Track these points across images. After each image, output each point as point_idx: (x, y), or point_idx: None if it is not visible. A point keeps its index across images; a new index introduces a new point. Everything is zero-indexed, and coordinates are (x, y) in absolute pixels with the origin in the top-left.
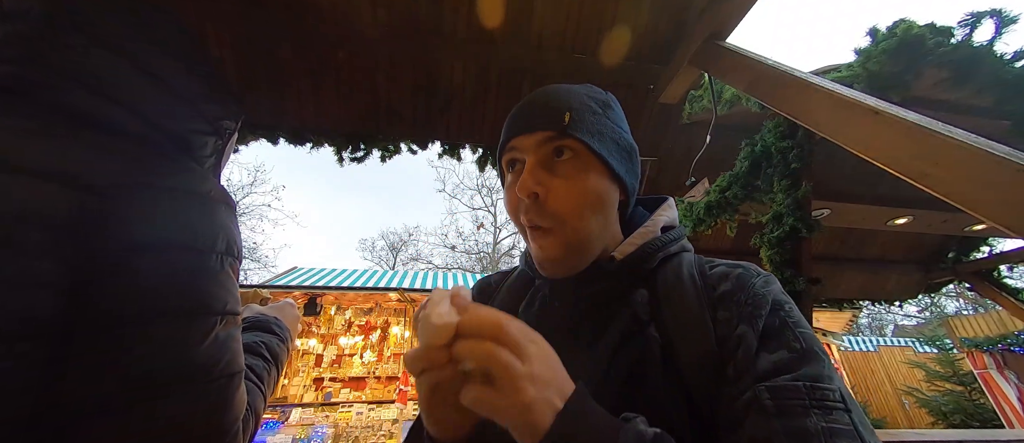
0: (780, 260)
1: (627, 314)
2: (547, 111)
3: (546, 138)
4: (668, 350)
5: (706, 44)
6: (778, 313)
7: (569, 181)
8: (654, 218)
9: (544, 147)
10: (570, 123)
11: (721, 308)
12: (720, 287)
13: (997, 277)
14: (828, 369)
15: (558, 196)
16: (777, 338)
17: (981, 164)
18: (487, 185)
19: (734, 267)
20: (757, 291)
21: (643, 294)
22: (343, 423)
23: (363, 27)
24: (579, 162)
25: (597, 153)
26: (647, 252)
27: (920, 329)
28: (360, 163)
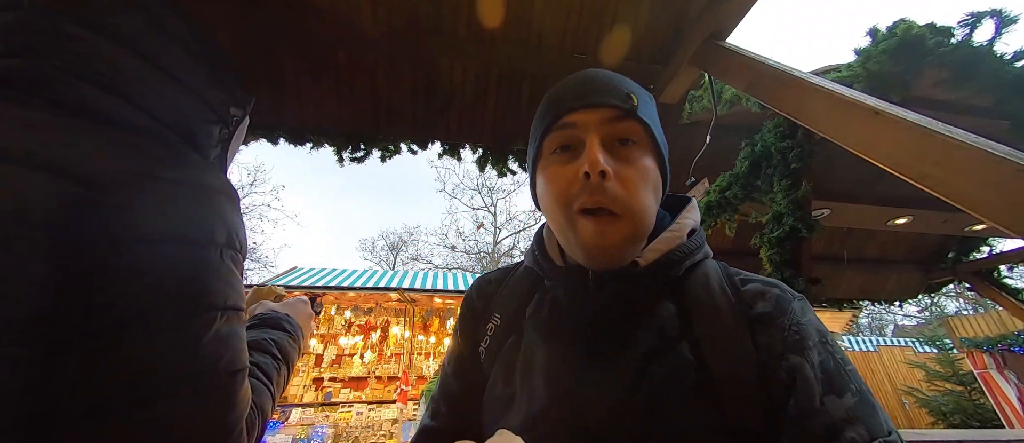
0: (780, 260)
1: (653, 328)
2: (612, 89)
3: (613, 116)
4: (703, 372)
5: (706, 44)
6: (827, 348)
7: (635, 166)
8: (680, 221)
9: (608, 126)
10: (639, 106)
11: (761, 332)
12: (757, 306)
13: (997, 277)
14: (881, 413)
15: (627, 180)
16: (838, 381)
17: (981, 164)
18: (487, 185)
19: (768, 285)
20: (799, 318)
21: (670, 307)
22: (343, 423)
23: (363, 27)
24: (642, 149)
25: (658, 140)
26: (673, 259)
27: (920, 329)
28: (360, 163)
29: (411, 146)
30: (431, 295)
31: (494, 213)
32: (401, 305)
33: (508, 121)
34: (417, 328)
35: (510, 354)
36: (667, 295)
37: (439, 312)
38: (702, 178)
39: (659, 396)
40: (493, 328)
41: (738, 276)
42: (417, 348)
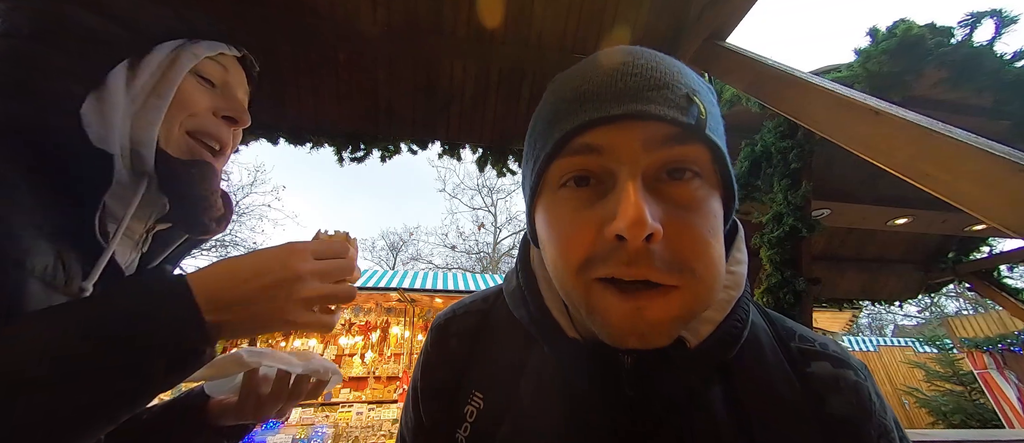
0: (780, 260)
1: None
2: (665, 88)
3: (665, 136)
4: None
5: (706, 44)
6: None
7: (700, 214)
8: (733, 270)
9: (656, 153)
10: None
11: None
12: (830, 402)
13: (997, 277)
14: None
15: (686, 236)
16: None
17: (981, 164)
18: (487, 185)
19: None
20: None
21: (717, 392)
22: (343, 423)
23: (363, 27)
24: (705, 185)
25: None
26: (732, 333)
27: (920, 329)
28: (360, 163)
29: (411, 146)
30: (431, 295)
31: (494, 213)
32: (401, 305)
33: (508, 121)
34: (417, 328)
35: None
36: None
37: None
38: None
39: None
40: (474, 412)
41: (794, 344)
42: (417, 348)
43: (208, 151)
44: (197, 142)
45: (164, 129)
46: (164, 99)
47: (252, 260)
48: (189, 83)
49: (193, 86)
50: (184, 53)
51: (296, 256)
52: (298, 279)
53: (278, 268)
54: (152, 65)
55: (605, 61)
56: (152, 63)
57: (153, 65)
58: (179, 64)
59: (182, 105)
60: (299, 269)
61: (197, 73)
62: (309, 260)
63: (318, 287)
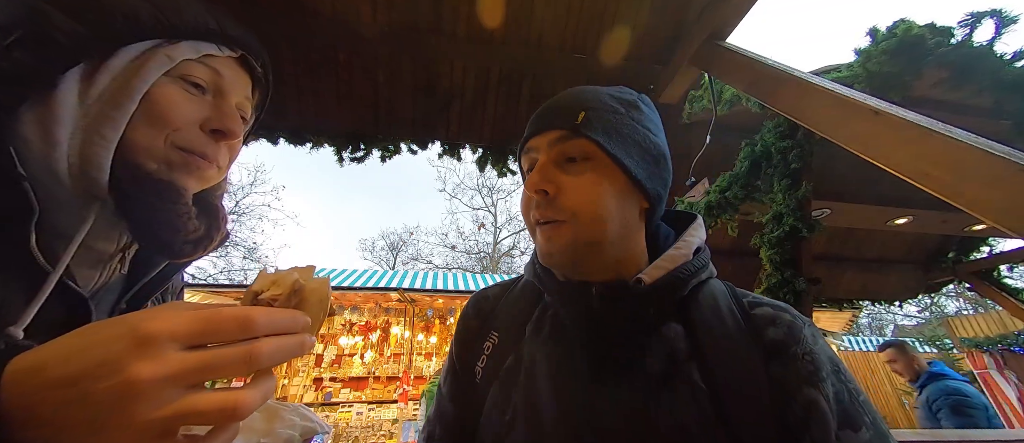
0: (780, 260)
1: (662, 350)
2: (562, 110)
3: (559, 137)
4: (718, 402)
5: (706, 44)
6: (840, 378)
7: (581, 179)
8: (686, 239)
9: (556, 146)
10: (583, 122)
11: (775, 361)
12: (768, 332)
13: (997, 277)
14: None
15: (569, 193)
16: (853, 414)
17: (981, 164)
18: (487, 185)
19: (778, 309)
20: (812, 347)
21: (676, 328)
22: (343, 423)
23: (363, 27)
24: (592, 163)
25: (611, 154)
26: (679, 278)
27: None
28: (360, 163)
29: (411, 146)
30: (431, 295)
31: (494, 213)
32: (401, 305)
33: (508, 121)
34: (417, 328)
35: (509, 375)
36: (673, 315)
37: (439, 312)
38: (702, 178)
39: (673, 424)
40: (490, 347)
41: (746, 298)
42: (417, 348)
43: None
44: (189, 155)
45: (139, 139)
46: (122, 111)
47: (80, 351)
48: (169, 90)
49: (175, 94)
50: (155, 56)
51: (141, 350)
52: (135, 390)
53: (108, 371)
54: (113, 70)
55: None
56: (114, 68)
57: (114, 70)
58: (146, 70)
59: (160, 117)
60: (139, 374)
61: (183, 77)
62: (166, 356)
63: (176, 404)
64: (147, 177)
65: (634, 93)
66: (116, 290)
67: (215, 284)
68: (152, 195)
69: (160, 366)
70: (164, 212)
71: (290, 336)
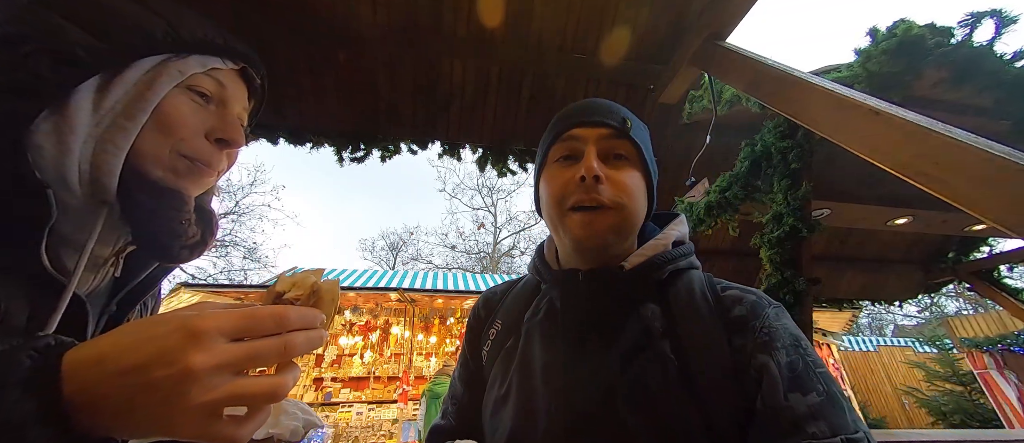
0: (780, 260)
1: (639, 326)
2: (611, 113)
3: (609, 133)
4: (685, 371)
5: (706, 44)
6: (799, 350)
7: (625, 174)
8: (666, 232)
9: (605, 141)
10: (631, 128)
11: (736, 334)
12: (734, 310)
13: (997, 277)
14: (849, 412)
15: (616, 183)
16: (805, 380)
17: (981, 164)
18: (487, 185)
19: (746, 292)
20: (771, 322)
21: (653, 308)
22: (343, 423)
23: (363, 27)
24: (632, 165)
25: (646, 161)
26: (657, 263)
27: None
28: (360, 163)
29: (411, 146)
30: (431, 295)
31: (494, 213)
32: (401, 305)
33: (508, 121)
34: (417, 328)
35: (508, 354)
36: (652, 297)
37: (439, 312)
38: (702, 178)
39: (642, 387)
40: (494, 333)
41: (719, 284)
42: (417, 348)
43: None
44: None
45: (146, 148)
46: (134, 122)
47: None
48: (178, 101)
49: (184, 105)
50: (166, 70)
51: (194, 342)
52: (191, 377)
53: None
54: (127, 83)
55: (583, 102)
56: (127, 81)
57: (128, 83)
58: (158, 84)
59: (170, 127)
60: (194, 363)
61: (190, 87)
62: (215, 347)
63: (227, 387)
64: (153, 184)
65: None
66: (106, 292)
67: (215, 284)
68: (158, 201)
69: (212, 356)
70: (167, 218)
71: (314, 330)
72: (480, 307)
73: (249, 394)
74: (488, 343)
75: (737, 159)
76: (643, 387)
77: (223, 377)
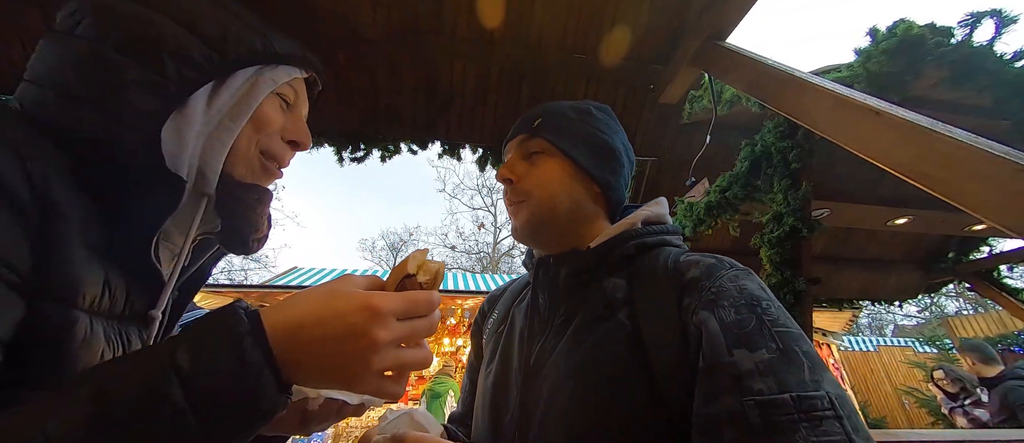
0: (780, 260)
1: (600, 299)
2: (525, 120)
3: (521, 139)
4: (636, 335)
5: (706, 44)
6: (754, 309)
7: (536, 167)
8: (635, 213)
9: (520, 146)
10: (538, 126)
11: (686, 293)
12: (688, 273)
13: (997, 277)
14: (811, 371)
15: (526, 179)
16: (755, 337)
17: (981, 164)
18: (487, 185)
19: (707, 257)
20: (723, 283)
21: (617, 281)
22: (343, 423)
23: (363, 27)
24: (546, 156)
25: (560, 148)
26: (620, 239)
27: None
28: (360, 163)
29: (411, 146)
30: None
31: (494, 213)
32: None
33: (508, 121)
34: None
35: (499, 336)
36: (619, 273)
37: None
38: (702, 178)
39: (599, 357)
40: (491, 322)
41: (686, 255)
42: None
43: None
44: (265, 160)
45: (240, 146)
46: (238, 123)
47: (327, 319)
48: (269, 103)
49: (272, 106)
50: (263, 79)
51: (378, 322)
52: (375, 349)
53: (356, 336)
54: (232, 88)
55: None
56: (232, 86)
57: (233, 88)
58: (257, 89)
59: (260, 125)
60: (379, 338)
61: (276, 93)
62: (392, 325)
63: (395, 356)
64: (239, 180)
65: (591, 104)
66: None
67: (215, 284)
68: (247, 195)
69: (389, 332)
70: (254, 212)
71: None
72: (484, 305)
73: (410, 362)
74: (487, 332)
75: (737, 159)
76: (598, 354)
77: (395, 349)
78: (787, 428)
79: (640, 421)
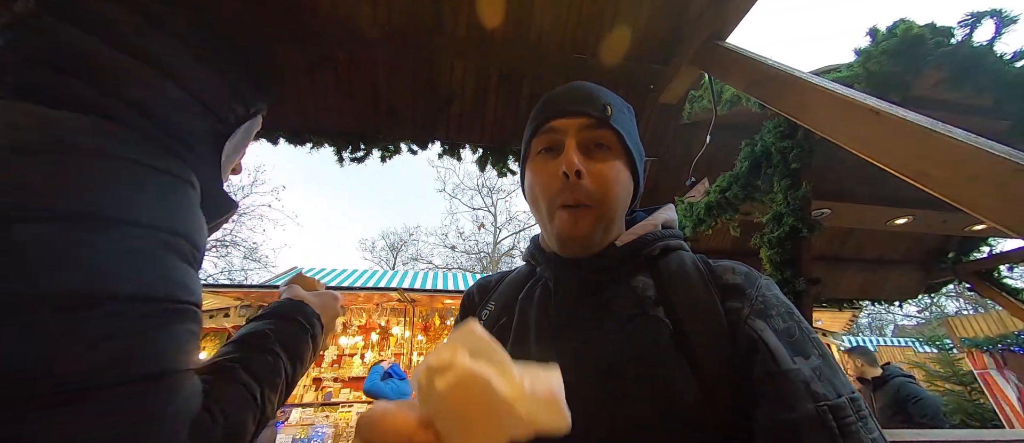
0: (780, 260)
1: (632, 297)
2: (591, 100)
3: (589, 124)
4: (679, 333)
5: (706, 44)
6: (793, 317)
7: (606, 166)
8: (654, 216)
9: (585, 132)
10: (611, 116)
11: (730, 298)
12: (726, 278)
13: (997, 277)
14: (843, 375)
15: (597, 178)
16: (803, 346)
17: (981, 164)
18: (487, 185)
19: (738, 264)
20: (765, 291)
21: (645, 280)
22: (343, 423)
23: (363, 27)
24: (615, 154)
25: (628, 148)
26: (647, 240)
27: (920, 329)
28: (360, 163)
29: (411, 146)
30: (431, 295)
31: (494, 213)
32: (401, 305)
33: (508, 121)
34: (417, 328)
35: (502, 332)
36: (644, 272)
37: (439, 312)
38: (702, 178)
39: (642, 355)
40: (486, 314)
41: (711, 260)
42: (417, 348)
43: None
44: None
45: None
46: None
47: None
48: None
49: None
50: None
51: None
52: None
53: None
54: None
55: (565, 88)
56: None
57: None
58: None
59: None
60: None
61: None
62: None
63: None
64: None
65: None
66: None
67: (215, 284)
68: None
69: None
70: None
71: None
72: (474, 292)
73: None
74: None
75: (737, 159)
76: (642, 355)
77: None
78: (853, 430)
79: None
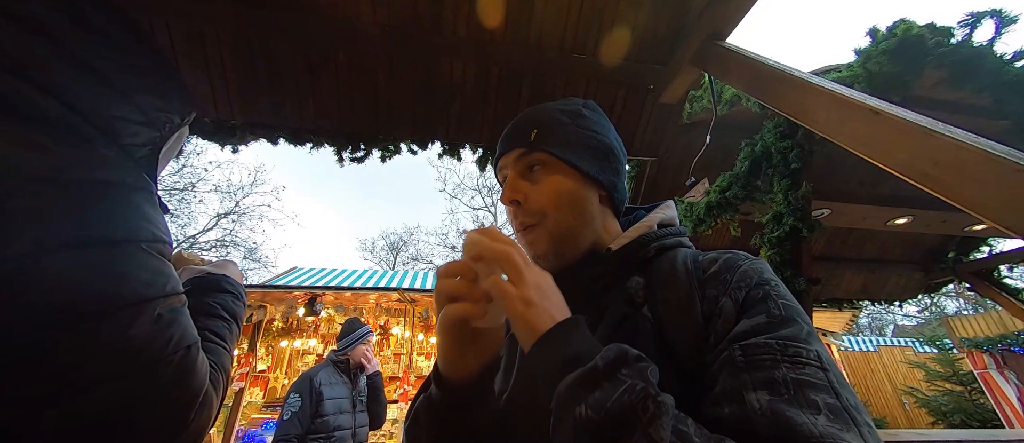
0: (780, 260)
1: (624, 298)
2: (517, 131)
3: (519, 154)
4: (659, 329)
5: (706, 44)
6: (763, 286)
7: (541, 185)
8: (650, 216)
9: (521, 162)
10: (535, 138)
11: (709, 286)
12: (710, 269)
13: (997, 277)
14: (806, 334)
15: (534, 198)
16: (757, 306)
17: (981, 164)
18: (487, 185)
19: (724, 253)
20: (743, 269)
21: (637, 281)
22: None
23: (363, 27)
24: (549, 169)
25: (563, 159)
26: (641, 243)
27: (920, 329)
28: (360, 163)
29: (411, 146)
30: (431, 295)
31: (494, 213)
32: (401, 305)
33: (508, 121)
34: (417, 328)
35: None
36: (638, 272)
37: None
38: (702, 178)
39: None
40: None
41: (704, 254)
42: (417, 348)
43: None
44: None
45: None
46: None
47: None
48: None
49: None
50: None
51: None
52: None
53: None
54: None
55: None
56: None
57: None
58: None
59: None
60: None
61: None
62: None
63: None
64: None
65: (579, 102)
66: None
67: None
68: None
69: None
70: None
71: None
72: None
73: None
74: None
75: (737, 159)
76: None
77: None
78: (767, 364)
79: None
